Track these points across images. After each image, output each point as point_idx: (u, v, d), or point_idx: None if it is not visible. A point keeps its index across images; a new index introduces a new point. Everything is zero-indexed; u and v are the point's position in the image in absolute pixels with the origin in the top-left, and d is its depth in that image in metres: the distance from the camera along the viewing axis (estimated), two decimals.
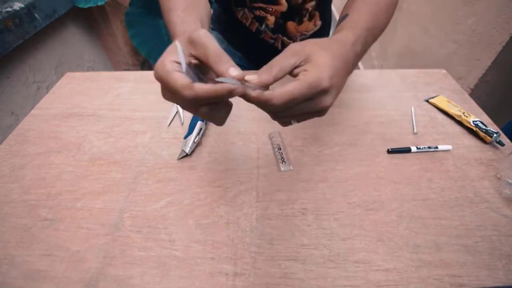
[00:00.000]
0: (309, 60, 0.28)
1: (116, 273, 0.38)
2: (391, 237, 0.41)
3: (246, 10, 0.62)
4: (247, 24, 0.67)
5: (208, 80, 0.28)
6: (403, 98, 0.65)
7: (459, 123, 0.58)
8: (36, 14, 1.06)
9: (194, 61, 0.27)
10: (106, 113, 0.62)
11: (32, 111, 0.64)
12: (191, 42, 0.27)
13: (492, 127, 0.56)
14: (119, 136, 0.57)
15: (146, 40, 1.37)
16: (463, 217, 0.43)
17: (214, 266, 0.39)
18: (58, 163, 0.52)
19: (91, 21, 1.44)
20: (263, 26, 0.66)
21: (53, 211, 0.45)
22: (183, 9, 0.36)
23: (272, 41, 0.69)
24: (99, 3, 1.26)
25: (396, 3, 0.45)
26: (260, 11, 0.62)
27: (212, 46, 0.25)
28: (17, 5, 1.00)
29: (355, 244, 0.40)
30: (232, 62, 0.25)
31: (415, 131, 0.56)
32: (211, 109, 0.27)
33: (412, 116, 0.60)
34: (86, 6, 1.25)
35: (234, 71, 0.24)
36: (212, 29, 0.77)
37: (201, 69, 0.29)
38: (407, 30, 1.33)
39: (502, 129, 0.57)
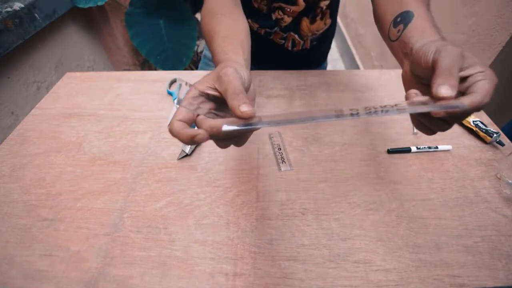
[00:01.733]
0: (467, 60, 0.28)
1: (116, 273, 0.38)
2: (391, 237, 0.41)
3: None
4: (255, 29, 0.68)
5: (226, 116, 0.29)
6: (403, 98, 0.64)
7: (459, 122, 0.58)
8: (36, 14, 1.06)
9: (214, 93, 0.29)
10: (106, 113, 0.62)
11: (32, 111, 0.64)
12: (218, 78, 0.28)
13: (492, 127, 0.56)
14: (119, 136, 0.57)
15: (146, 40, 1.37)
16: (463, 217, 0.43)
17: (214, 266, 0.39)
18: (58, 163, 0.52)
19: (91, 21, 1.44)
20: (276, 28, 0.67)
21: (53, 211, 0.45)
22: (223, 37, 0.38)
23: (282, 41, 0.70)
24: (99, 3, 1.26)
25: None
26: (279, 11, 0.63)
27: (234, 83, 0.27)
28: (17, 5, 1.00)
29: (355, 244, 0.40)
30: (247, 101, 0.26)
31: (415, 131, 0.56)
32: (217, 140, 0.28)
33: None
34: (86, 6, 1.25)
35: (244, 107, 0.25)
36: None
37: (221, 106, 0.30)
38: None
39: (502, 129, 0.57)
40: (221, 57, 0.35)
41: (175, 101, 0.24)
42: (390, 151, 0.52)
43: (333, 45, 1.82)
